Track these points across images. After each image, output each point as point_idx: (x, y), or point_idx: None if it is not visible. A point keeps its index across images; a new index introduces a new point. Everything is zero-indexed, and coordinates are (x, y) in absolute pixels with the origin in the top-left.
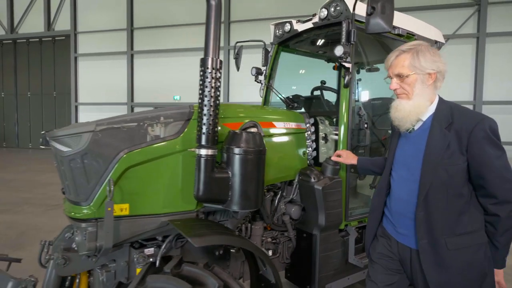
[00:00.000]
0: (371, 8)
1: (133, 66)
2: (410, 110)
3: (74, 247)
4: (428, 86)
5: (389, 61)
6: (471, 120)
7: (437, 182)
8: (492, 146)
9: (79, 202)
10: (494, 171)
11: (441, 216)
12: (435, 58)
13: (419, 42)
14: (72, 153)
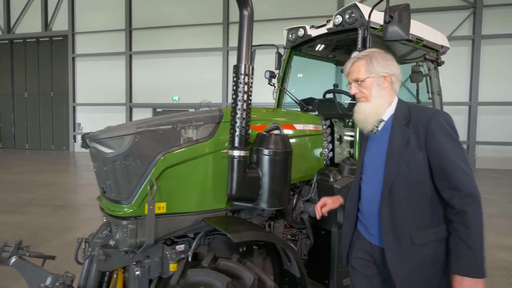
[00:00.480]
0: (389, 16)
1: (132, 66)
2: (370, 111)
3: (111, 243)
4: (385, 89)
5: (346, 68)
6: (426, 114)
7: (399, 178)
8: (448, 138)
9: (120, 200)
10: (453, 163)
11: (405, 211)
12: (387, 62)
13: (372, 49)
14: (115, 154)
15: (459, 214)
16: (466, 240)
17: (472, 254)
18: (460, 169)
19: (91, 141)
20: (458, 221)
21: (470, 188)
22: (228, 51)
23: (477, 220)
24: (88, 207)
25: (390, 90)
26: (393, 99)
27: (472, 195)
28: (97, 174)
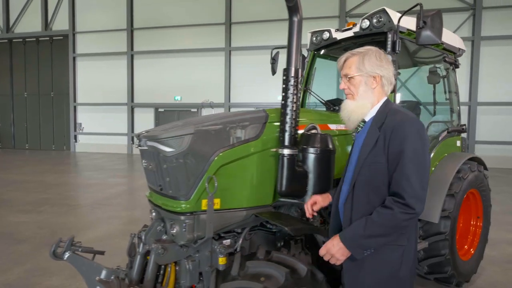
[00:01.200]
0: (422, 22)
1: (133, 66)
2: (353, 109)
3: (164, 238)
4: (373, 89)
5: (340, 62)
6: (395, 119)
7: (360, 180)
8: (409, 148)
9: (178, 197)
10: (404, 174)
11: (361, 213)
12: (380, 63)
13: (368, 47)
14: (175, 153)
15: (383, 208)
16: (367, 224)
17: (358, 233)
18: (407, 179)
19: (149, 141)
20: (378, 211)
21: (410, 200)
22: (231, 51)
23: (393, 221)
24: (103, 206)
25: (379, 92)
26: (380, 101)
27: (407, 205)
28: (151, 172)
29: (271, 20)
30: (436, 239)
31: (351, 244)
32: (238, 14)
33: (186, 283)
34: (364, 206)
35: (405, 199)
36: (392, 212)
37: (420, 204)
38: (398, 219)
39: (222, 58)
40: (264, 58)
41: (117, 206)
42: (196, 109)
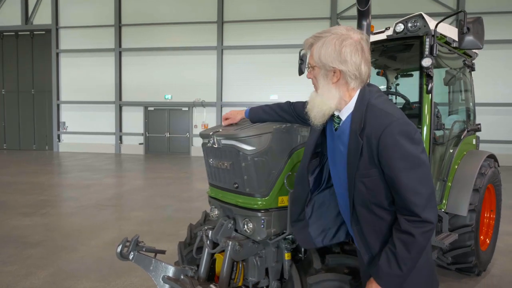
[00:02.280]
0: (466, 28)
1: (121, 64)
2: (314, 105)
3: (234, 235)
4: (333, 84)
5: (305, 45)
6: (380, 124)
7: (358, 196)
8: (401, 155)
9: (255, 194)
10: (406, 185)
11: (373, 231)
12: (338, 56)
13: (332, 30)
14: (256, 151)
15: (403, 234)
16: (399, 261)
17: (397, 274)
18: (416, 192)
19: (226, 139)
20: (400, 239)
21: (423, 214)
22: (223, 50)
23: (420, 246)
24: (109, 207)
25: (344, 87)
26: (351, 96)
27: (424, 221)
28: (223, 170)
29: (264, 19)
30: (463, 231)
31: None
32: (230, 13)
33: (254, 279)
34: (375, 223)
35: (420, 216)
36: (415, 238)
37: (434, 213)
38: (423, 241)
39: (214, 56)
40: (256, 57)
41: (123, 207)
42: (187, 108)
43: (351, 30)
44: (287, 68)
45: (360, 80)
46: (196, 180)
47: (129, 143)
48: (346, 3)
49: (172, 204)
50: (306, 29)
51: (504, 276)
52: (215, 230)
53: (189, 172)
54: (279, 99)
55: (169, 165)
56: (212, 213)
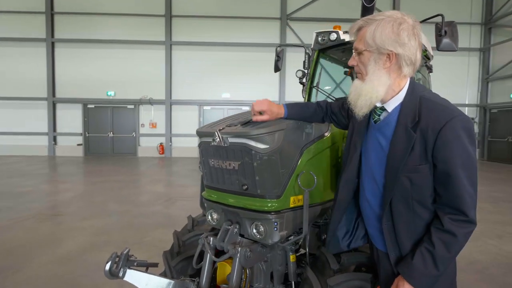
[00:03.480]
0: (444, 31)
1: (54, 56)
2: (360, 93)
3: (239, 240)
4: (385, 70)
5: (352, 30)
6: (440, 118)
7: (399, 192)
8: (463, 151)
9: (267, 195)
10: (461, 184)
11: (407, 230)
12: (396, 37)
13: (389, 13)
14: (269, 150)
15: (445, 233)
16: (437, 261)
17: (433, 274)
18: (467, 191)
19: (236, 137)
20: (441, 239)
21: (471, 214)
22: (172, 45)
23: (460, 246)
24: (55, 217)
25: (395, 74)
26: (401, 86)
27: (470, 221)
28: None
29: (215, 16)
30: None
31: (426, 285)
32: (179, 7)
33: (260, 285)
34: (412, 223)
35: (468, 215)
36: (457, 238)
37: (476, 215)
38: (463, 241)
39: (163, 52)
40: (208, 54)
41: (71, 216)
42: (133, 106)
43: (405, 14)
44: (240, 67)
45: (413, 68)
46: (150, 182)
47: (66, 144)
48: (296, 5)
49: (129, 209)
50: (257, 28)
51: (461, 259)
52: (219, 236)
53: (141, 174)
54: (231, 97)
55: (116, 167)
56: (210, 217)
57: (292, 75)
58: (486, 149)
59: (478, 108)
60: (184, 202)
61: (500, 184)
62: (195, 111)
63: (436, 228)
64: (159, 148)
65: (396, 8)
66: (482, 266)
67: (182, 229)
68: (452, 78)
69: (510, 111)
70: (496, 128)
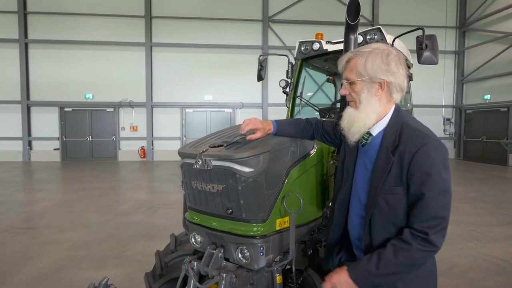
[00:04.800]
0: (425, 44)
1: (28, 57)
2: (354, 120)
3: (224, 265)
4: (377, 97)
5: (341, 63)
6: (416, 142)
7: (377, 213)
8: (434, 175)
9: (252, 220)
10: (428, 205)
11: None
12: (387, 67)
13: (376, 45)
14: (254, 173)
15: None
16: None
17: (371, 271)
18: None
19: (219, 160)
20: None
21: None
22: (152, 46)
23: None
24: (29, 231)
25: (385, 100)
26: (388, 111)
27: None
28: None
29: (196, 17)
30: None
31: (362, 282)
32: (159, 8)
33: None
34: (386, 240)
35: (428, 234)
36: (410, 249)
37: (442, 240)
38: (417, 256)
39: (143, 53)
40: (189, 56)
41: (47, 228)
42: (112, 109)
43: (388, 46)
44: (222, 69)
45: (401, 94)
46: (132, 188)
47: (42, 149)
48: (277, 7)
49: (109, 219)
50: (239, 30)
51: (441, 264)
52: (203, 261)
53: (122, 180)
54: (213, 99)
55: (96, 173)
56: (194, 240)
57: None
58: (462, 149)
59: (454, 109)
60: (167, 210)
61: (476, 183)
62: (177, 113)
63: (395, 237)
64: (140, 152)
65: (375, 13)
66: (462, 270)
67: (164, 248)
68: (429, 80)
69: (484, 112)
70: (471, 128)
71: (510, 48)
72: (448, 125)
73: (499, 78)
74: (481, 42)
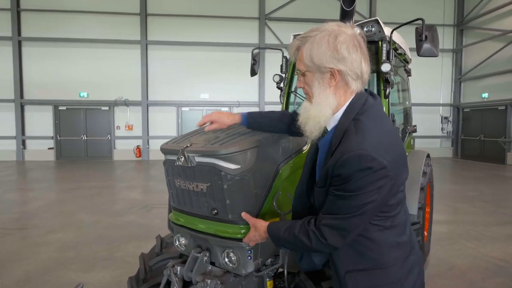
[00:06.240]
0: (424, 36)
1: (22, 55)
2: (309, 117)
3: (209, 269)
4: (330, 90)
5: (290, 50)
6: (344, 151)
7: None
8: (347, 188)
9: (240, 221)
10: (334, 207)
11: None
12: (335, 53)
13: (322, 27)
14: (241, 171)
15: (308, 223)
16: (288, 230)
17: (281, 233)
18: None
19: (203, 157)
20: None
21: (328, 237)
22: (147, 45)
23: (305, 244)
24: (18, 231)
25: (342, 90)
26: (345, 102)
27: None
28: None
29: (191, 15)
30: (413, 228)
31: (272, 235)
32: (154, 5)
33: None
34: None
35: (323, 228)
36: (308, 232)
37: (337, 239)
38: (310, 240)
39: (138, 51)
40: (185, 54)
41: (36, 229)
42: (107, 108)
43: (343, 25)
44: (218, 67)
45: (361, 81)
46: (125, 188)
47: (35, 148)
48: (274, 5)
49: (101, 219)
50: (235, 28)
51: (441, 265)
52: (187, 265)
53: (115, 179)
54: (210, 98)
55: (90, 172)
56: (178, 242)
57: (272, 75)
58: (460, 147)
59: (451, 108)
60: (161, 209)
61: (474, 182)
62: (173, 112)
63: (308, 217)
64: (135, 151)
65: (372, 10)
66: (461, 271)
67: (149, 251)
68: (426, 78)
69: (482, 110)
70: (469, 127)
71: (508, 46)
72: (445, 123)
73: (497, 76)
74: (479, 40)
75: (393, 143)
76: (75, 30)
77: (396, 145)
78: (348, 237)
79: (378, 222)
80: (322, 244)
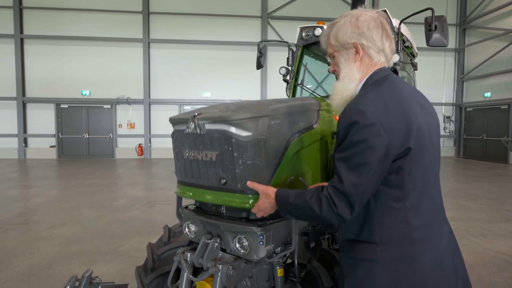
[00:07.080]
0: (434, 26)
1: (24, 53)
2: (335, 93)
3: (220, 256)
4: (355, 64)
5: (322, 39)
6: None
7: None
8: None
9: (247, 190)
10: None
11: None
12: (357, 30)
13: (346, 14)
14: (252, 138)
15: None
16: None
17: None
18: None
19: (213, 123)
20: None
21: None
22: (150, 43)
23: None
24: (21, 226)
25: (365, 63)
26: (368, 74)
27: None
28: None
29: (194, 13)
30: None
31: (280, 202)
32: (157, 3)
33: None
34: None
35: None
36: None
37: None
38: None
39: (140, 49)
40: (187, 52)
41: (39, 224)
42: (110, 106)
43: (365, 10)
44: (221, 65)
45: (384, 55)
46: (127, 185)
47: (37, 146)
48: (276, 3)
49: (103, 215)
50: (238, 26)
51: None
52: (197, 251)
53: (117, 177)
54: (212, 96)
55: (92, 170)
56: (188, 230)
57: (274, 73)
58: (462, 147)
59: (454, 107)
60: (164, 206)
61: (477, 181)
62: (175, 110)
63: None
64: (137, 149)
65: (375, 7)
66: (469, 266)
67: (157, 241)
68: (429, 78)
69: (484, 110)
70: (471, 126)
71: (511, 45)
72: (448, 123)
73: (499, 75)
74: (482, 39)
75: (400, 110)
76: (77, 28)
77: (403, 113)
78: (353, 207)
79: (385, 196)
80: (332, 213)
